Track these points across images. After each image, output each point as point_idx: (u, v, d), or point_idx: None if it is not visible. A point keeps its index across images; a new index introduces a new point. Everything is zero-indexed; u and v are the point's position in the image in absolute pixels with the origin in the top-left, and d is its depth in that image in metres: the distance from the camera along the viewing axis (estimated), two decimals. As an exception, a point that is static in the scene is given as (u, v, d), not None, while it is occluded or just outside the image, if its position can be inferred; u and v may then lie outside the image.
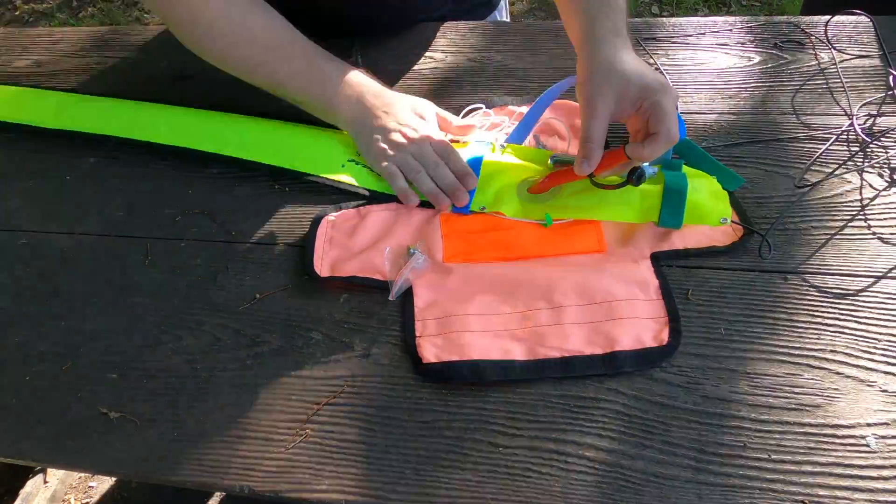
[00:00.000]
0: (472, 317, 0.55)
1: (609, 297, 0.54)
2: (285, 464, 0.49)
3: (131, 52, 0.88)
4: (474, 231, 0.61)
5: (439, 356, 0.52)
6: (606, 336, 0.52)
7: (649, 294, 0.55)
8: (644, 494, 0.45)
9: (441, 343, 0.53)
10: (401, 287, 0.57)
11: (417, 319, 0.55)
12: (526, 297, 0.55)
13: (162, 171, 0.73)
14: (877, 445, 0.46)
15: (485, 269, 0.58)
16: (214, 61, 0.70)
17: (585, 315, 0.54)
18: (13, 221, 0.70)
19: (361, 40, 0.84)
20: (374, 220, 0.63)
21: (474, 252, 0.59)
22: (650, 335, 0.52)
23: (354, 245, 0.61)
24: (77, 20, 2.64)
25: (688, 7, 2.32)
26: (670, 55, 0.77)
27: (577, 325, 0.53)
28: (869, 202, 0.60)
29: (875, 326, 0.52)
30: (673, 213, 0.58)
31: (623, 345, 0.51)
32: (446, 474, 0.48)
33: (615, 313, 0.53)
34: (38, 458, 0.53)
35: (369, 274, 0.59)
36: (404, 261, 0.59)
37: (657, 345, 0.52)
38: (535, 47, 0.81)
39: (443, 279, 0.57)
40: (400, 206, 0.64)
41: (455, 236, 0.61)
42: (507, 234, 0.60)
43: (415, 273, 0.58)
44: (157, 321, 0.59)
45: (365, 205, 0.64)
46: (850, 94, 0.69)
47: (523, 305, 0.55)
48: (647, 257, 0.57)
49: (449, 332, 0.54)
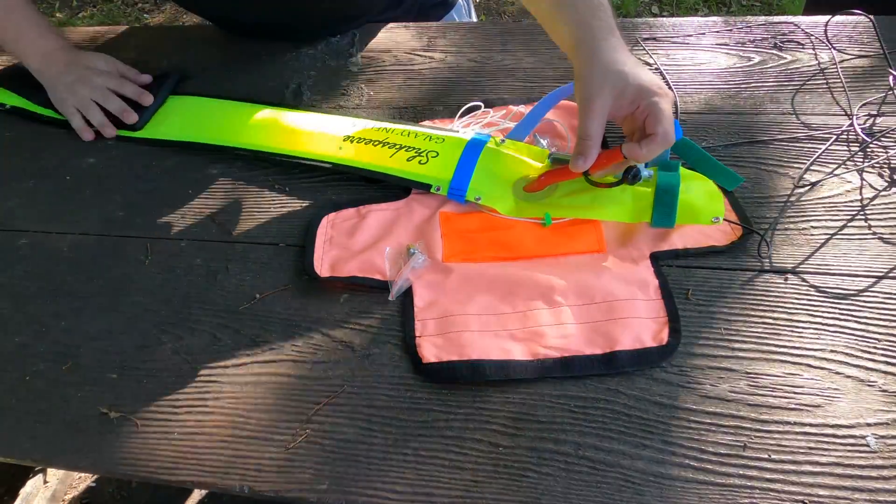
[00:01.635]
0: (472, 316, 0.55)
1: (609, 296, 0.54)
2: (285, 464, 0.49)
3: (131, 52, 0.88)
4: (474, 231, 0.61)
5: (439, 356, 0.52)
6: (606, 336, 0.52)
7: (649, 294, 0.55)
8: (644, 494, 0.45)
9: (441, 343, 0.53)
10: (401, 287, 0.57)
11: (417, 319, 0.55)
12: (525, 296, 0.55)
13: (162, 171, 0.73)
14: (877, 445, 0.46)
15: (484, 269, 0.58)
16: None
17: (585, 315, 0.54)
18: (13, 221, 0.70)
19: (362, 39, 0.84)
20: (374, 220, 0.63)
21: (474, 252, 0.59)
22: (650, 335, 0.52)
23: (354, 245, 0.61)
24: (77, 20, 2.64)
25: (688, 7, 2.32)
26: (670, 55, 0.77)
27: (576, 325, 0.53)
28: (869, 202, 0.60)
29: (875, 326, 0.52)
30: (665, 214, 0.58)
31: (623, 345, 0.51)
32: (446, 474, 0.48)
33: (615, 313, 0.53)
34: (38, 458, 0.53)
35: (369, 274, 0.59)
36: (404, 260, 0.59)
37: (657, 344, 0.52)
38: (535, 47, 0.81)
39: (442, 279, 0.57)
40: (400, 205, 0.64)
41: (455, 236, 0.61)
42: (506, 233, 0.60)
43: (414, 273, 0.58)
44: (157, 321, 0.59)
45: (364, 204, 0.65)
46: (850, 94, 0.69)
47: (523, 305, 0.55)
48: (646, 257, 0.57)
49: (449, 331, 0.54)
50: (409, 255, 0.59)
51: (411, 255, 0.59)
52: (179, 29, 0.94)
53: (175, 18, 2.65)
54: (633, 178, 0.57)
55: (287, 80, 0.81)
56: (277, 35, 0.86)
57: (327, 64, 0.83)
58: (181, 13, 2.69)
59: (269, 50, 0.85)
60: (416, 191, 0.65)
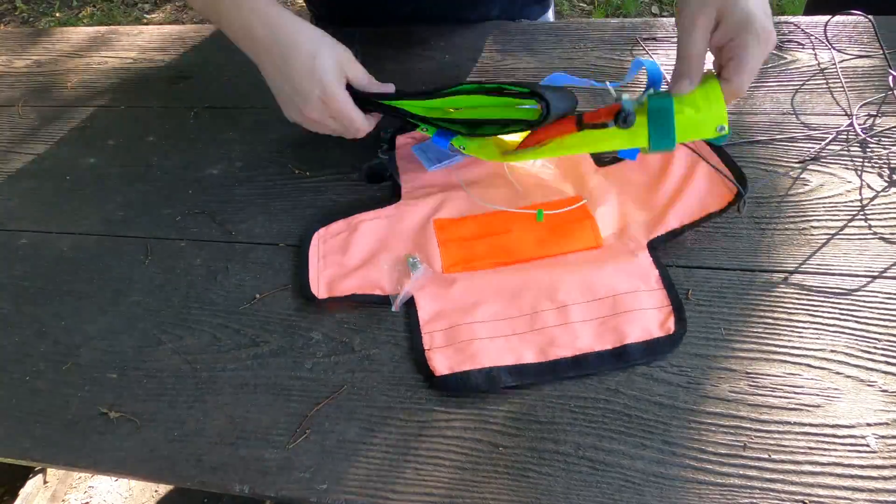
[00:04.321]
0: (480, 324, 0.54)
1: (612, 291, 0.54)
2: (285, 464, 0.49)
3: (131, 52, 0.88)
4: (470, 237, 0.60)
5: (452, 367, 0.52)
6: (615, 330, 0.52)
7: (651, 284, 0.55)
8: (644, 494, 0.45)
9: (452, 354, 0.53)
10: (403, 298, 0.57)
11: (424, 332, 0.54)
12: (531, 299, 0.55)
13: (162, 171, 0.73)
14: (877, 445, 0.46)
15: (486, 277, 0.58)
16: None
17: (591, 311, 0.54)
18: (13, 221, 0.70)
19: (363, 38, 0.84)
20: (366, 232, 0.62)
21: (473, 259, 0.59)
22: (656, 325, 0.52)
23: (349, 261, 0.60)
24: (77, 20, 2.64)
25: (688, 7, 2.32)
26: (670, 55, 0.77)
27: (584, 323, 0.53)
28: (869, 202, 0.60)
29: (875, 326, 0.52)
30: (663, 134, 0.53)
31: (632, 338, 0.52)
32: (446, 474, 0.48)
33: (620, 307, 0.54)
34: (38, 458, 0.53)
35: (368, 290, 0.58)
36: (403, 272, 0.58)
37: (664, 334, 0.52)
38: (535, 47, 0.81)
39: (445, 290, 0.57)
40: (390, 211, 0.63)
41: (452, 244, 0.60)
42: (504, 238, 0.60)
43: (415, 284, 0.57)
44: (157, 321, 0.59)
45: (356, 210, 0.64)
46: (849, 94, 0.69)
47: (529, 308, 0.55)
48: (644, 247, 0.57)
49: (458, 342, 0.53)
50: (408, 267, 0.58)
51: (411, 265, 0.58)
52: (179, 29, 0.94)
53: (175, 18, 2.65)
54: (624, 121, 0.52)
55: (287, 80, 0.81)
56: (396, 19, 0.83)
57: (327, 64, 0.83)
58: (181, 13, 2.69)
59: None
60: (405, 189, 0.65)
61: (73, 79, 0.88)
